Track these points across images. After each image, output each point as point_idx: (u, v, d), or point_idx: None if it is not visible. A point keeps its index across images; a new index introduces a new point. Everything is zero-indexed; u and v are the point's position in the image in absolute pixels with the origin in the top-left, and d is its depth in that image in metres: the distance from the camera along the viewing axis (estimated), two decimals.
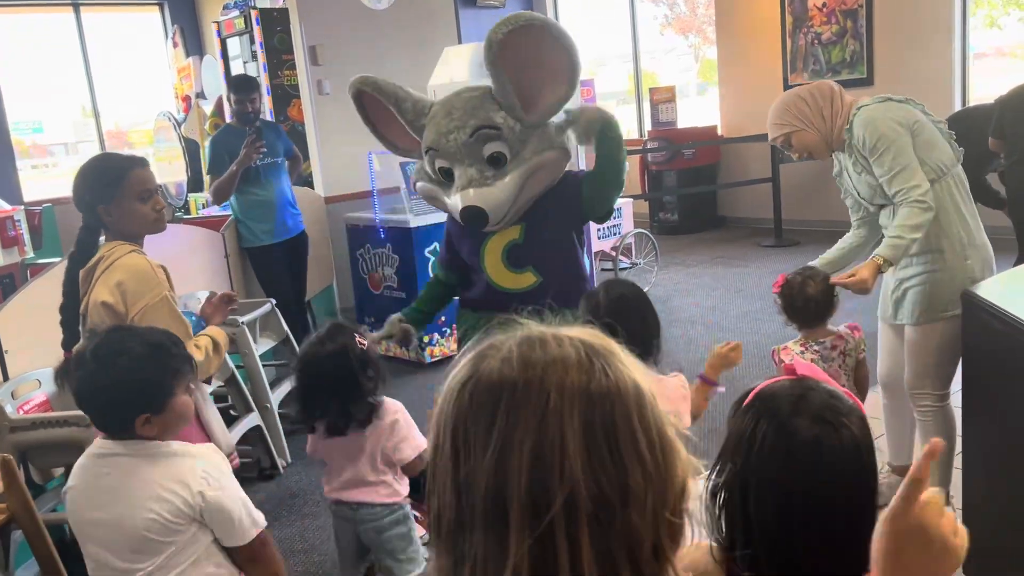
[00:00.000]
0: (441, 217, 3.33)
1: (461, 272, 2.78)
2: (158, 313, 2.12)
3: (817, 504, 0.98)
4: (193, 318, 2.42)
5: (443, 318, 4.49)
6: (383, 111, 2.71)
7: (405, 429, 2.20)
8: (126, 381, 1.60)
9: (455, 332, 3.26)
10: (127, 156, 2.38)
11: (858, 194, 2.58)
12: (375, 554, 2.24)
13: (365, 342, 2.16)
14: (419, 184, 2.73)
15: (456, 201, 2.55)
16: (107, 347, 1.63)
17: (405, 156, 2.94)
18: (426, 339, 4.76)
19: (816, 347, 2.45)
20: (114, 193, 2.20)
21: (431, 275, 3.01)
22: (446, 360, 4.71)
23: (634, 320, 1.95)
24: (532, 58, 2.52)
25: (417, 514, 2.79)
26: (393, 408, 2.20)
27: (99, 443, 1.69)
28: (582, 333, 0.73)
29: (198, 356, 2.07)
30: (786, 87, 7.83)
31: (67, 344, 2.27)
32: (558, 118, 2.61)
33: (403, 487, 2.25)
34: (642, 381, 0.71)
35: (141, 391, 1.61)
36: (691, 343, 4.90)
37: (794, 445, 0.99)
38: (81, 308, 2.23)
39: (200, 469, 1.63)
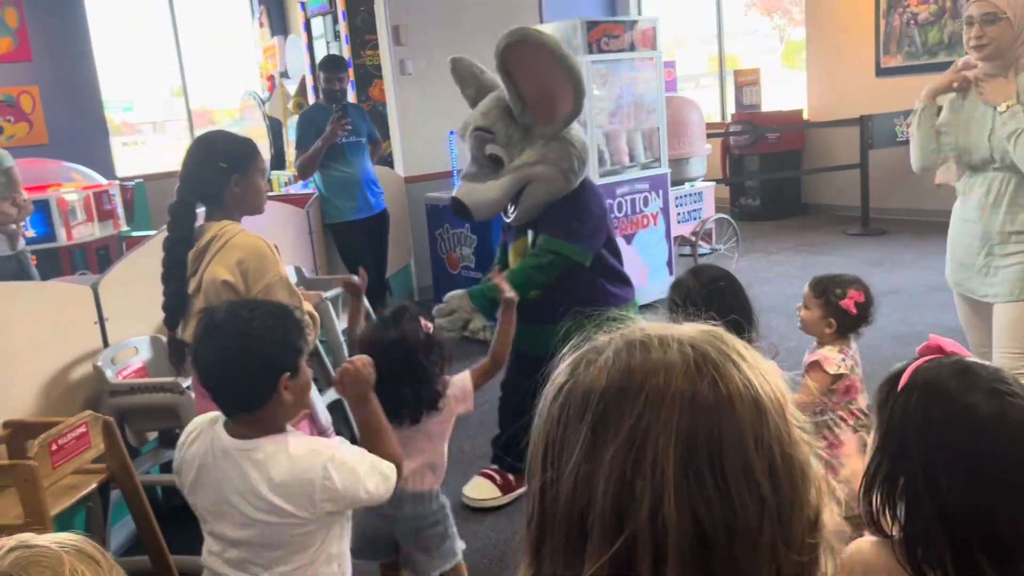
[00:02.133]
0: None
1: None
2: (278, 292, 2.17)
3: (1011, 473, 0.99)
4: None
5: None
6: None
7: (460, 392, 2.11)
8: (269, 332, 1.52)
9: None
10: (243, 135, 2.45)
11: (1014, 148, 2.37)
12: (404, 547, 2.11)
13: (431, 325, 2.06)
14: None
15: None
16: (237, 312, 1.56)
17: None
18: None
19: (850, 351, 2.26)
20: (248, 164, 2.25)
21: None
22: None
23: (731, 306, 1.86)
24: (541, 71, 2.61)
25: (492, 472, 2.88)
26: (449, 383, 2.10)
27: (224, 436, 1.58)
28: (697, 335, 0.65)
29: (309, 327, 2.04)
30: (878, 71, 7.54)
31: (171, 323, 2.28)
32: None
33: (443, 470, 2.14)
34: (769, 391, 0.62)
35: (283, 344, 1.54)
36: (772, 332, 4.78)
37: (978, 421, 1.00)
38: (191, 288, 2.21)
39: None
